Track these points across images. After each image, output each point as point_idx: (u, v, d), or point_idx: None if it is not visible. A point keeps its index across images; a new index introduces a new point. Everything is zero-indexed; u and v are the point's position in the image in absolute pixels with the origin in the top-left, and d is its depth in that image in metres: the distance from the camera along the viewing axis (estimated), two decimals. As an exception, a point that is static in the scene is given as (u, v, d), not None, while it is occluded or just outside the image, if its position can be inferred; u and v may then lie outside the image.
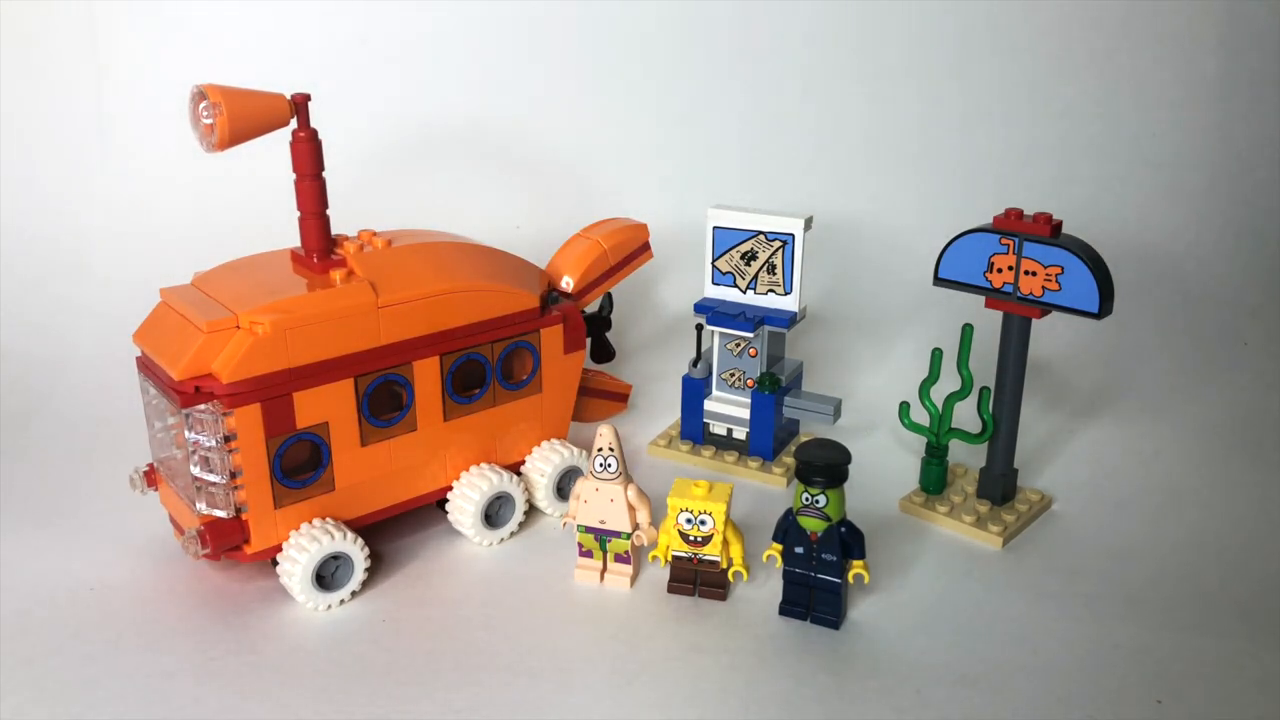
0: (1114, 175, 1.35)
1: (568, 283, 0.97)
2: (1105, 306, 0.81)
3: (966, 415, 0.96)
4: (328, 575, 0.80)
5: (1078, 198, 1.31)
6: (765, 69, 1.35)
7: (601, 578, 0.83)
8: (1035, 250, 0.83)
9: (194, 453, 0.75)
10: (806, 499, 0.76)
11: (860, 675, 0.73)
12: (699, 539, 0.79)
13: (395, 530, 0.90)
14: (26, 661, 0.74)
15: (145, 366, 0.80)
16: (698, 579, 0.81)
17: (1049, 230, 0.83)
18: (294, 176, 0.80)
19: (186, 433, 0.74)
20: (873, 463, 0.99)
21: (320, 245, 0.82)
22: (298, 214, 0.81)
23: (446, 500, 0.88)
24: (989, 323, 0.91)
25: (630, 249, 1.01)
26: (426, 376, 0.84)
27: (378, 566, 0.85)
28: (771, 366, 1.01)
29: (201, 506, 0.77)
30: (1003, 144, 1.35)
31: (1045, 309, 0.85)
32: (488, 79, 1.34)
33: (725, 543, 0.79)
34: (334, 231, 0.85)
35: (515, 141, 1.36)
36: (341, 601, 0.80)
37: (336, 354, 0.78)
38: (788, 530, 0.77)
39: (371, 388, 0.81)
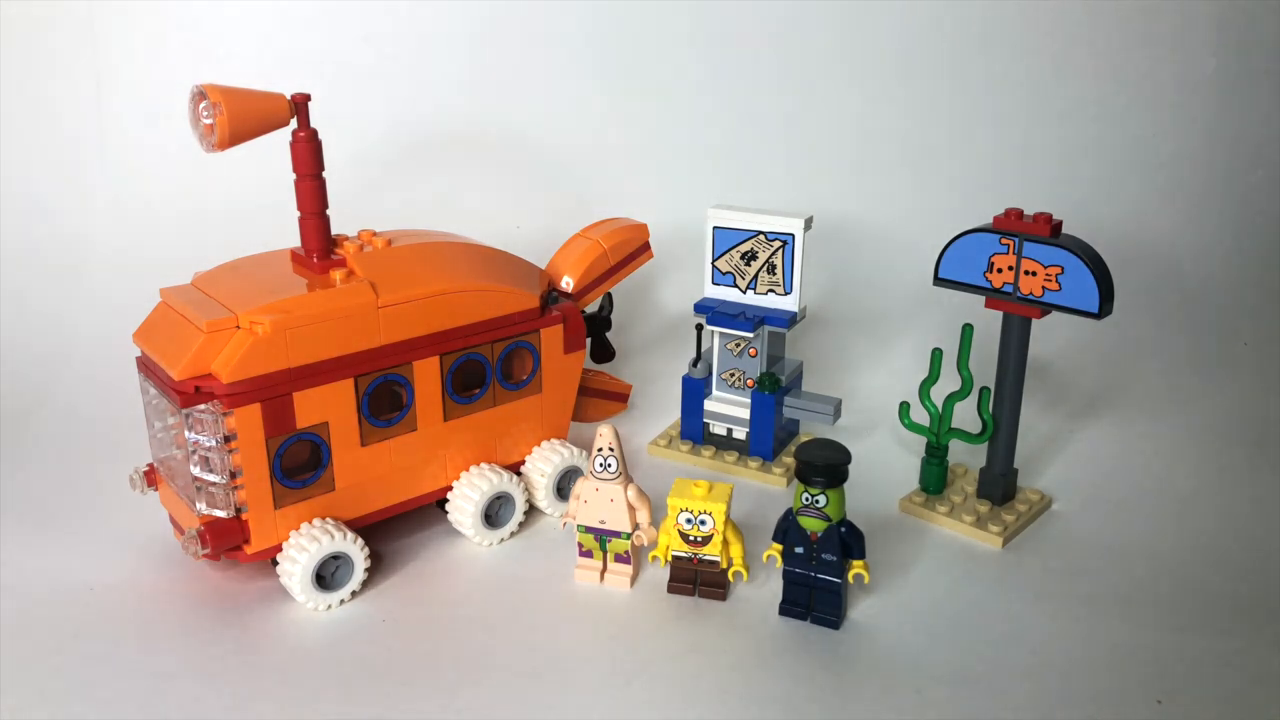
0: (1114, 175, 1.35)
1: (568, 283, 0.97)
2: (1105, 306, 0.81)
3: (966, 415, 0.96)
4: (328, 575, 0.80)
5: (1078, 198, 1.31)
6: (765, 69, 1.35)
7: (601, 578, 0.83)
8: (1035, 250, 0.83)
9: (194, 453, 0.75)
10: (806, 499, 0.76)
11: (860, 675, 0.72)
12: (699, 539, 0.79)
13: (395, 530, 0.90)
14: (26, 661, 0.74)
15: (145, 366, 0.80)
16: (698, 579, 0.81)
17: (1049, 230, 0.83)
18: (294, 176, 0.80)
19: (186, 433, 0.74)
20: (873, 463, 0.99)
21: (320, 245, 0.82)
22: (298, 214, 0.81)
23: (446, 500, 0.88)
24: (989, 323, 0.91)
25: (630, 249, 1.01)
26: (426, 376, 0.83)
27: (378, 566, 0.85)
28: (771, 366, 1.01)
29: (201, 506, 0.77)
30: (1003, 144, 1.35)
31: (1045, 309, 0.84)
32: (488, 79, 1.34)
33: (725, 543, 0.79)
34: (334, 231, 0.85)
35: (515, 141, 1.36)
36: (341, 601, 0.80)
37: (336, 354, 0.78)
38: (788, 530, 0.77)
39: (371, 388, 0.81)
